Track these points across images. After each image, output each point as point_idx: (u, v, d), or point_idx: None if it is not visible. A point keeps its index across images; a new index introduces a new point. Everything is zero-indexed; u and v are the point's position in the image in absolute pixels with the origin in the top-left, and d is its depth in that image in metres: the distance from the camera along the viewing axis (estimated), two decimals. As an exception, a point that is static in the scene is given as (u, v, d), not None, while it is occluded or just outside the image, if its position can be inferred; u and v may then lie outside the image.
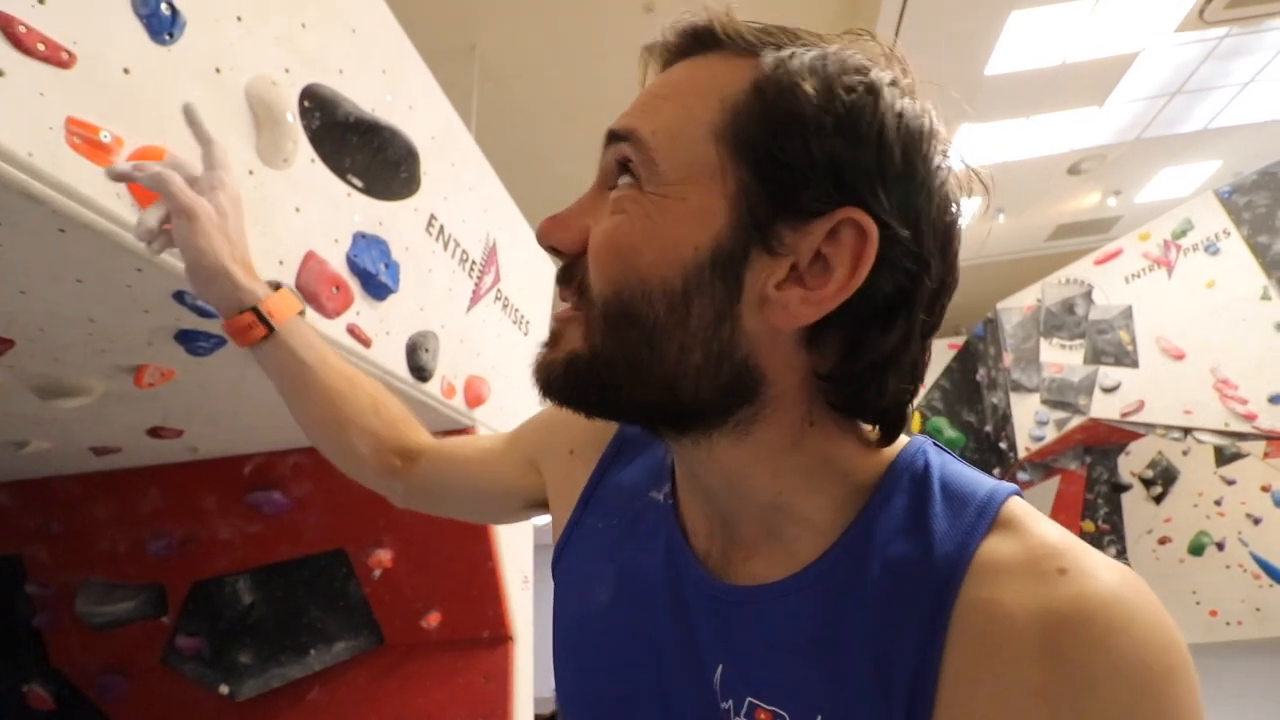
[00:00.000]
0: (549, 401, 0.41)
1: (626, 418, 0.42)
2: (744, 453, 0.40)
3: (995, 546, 0.36)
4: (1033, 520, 0.37)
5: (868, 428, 0.43)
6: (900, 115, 0.35)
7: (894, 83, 0.36)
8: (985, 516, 0.37)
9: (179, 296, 0.82)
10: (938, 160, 0.37)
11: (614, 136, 0.39)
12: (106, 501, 1.67)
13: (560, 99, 3.65)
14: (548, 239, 0.41)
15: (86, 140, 0.66)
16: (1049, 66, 3.60)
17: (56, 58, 0.63)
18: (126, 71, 0.70)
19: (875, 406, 0.40)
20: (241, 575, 1.70)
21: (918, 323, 0.37)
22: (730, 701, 0.39)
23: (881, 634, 0.36)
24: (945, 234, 0.37)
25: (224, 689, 1.60)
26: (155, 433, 1.36)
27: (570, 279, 0.40)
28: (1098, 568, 0.34)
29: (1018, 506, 0.38)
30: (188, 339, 0.93)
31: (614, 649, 0.47)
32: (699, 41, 0.39)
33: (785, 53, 0.36)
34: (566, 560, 0.54)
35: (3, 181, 0.60)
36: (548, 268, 2.10)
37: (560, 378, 0.39)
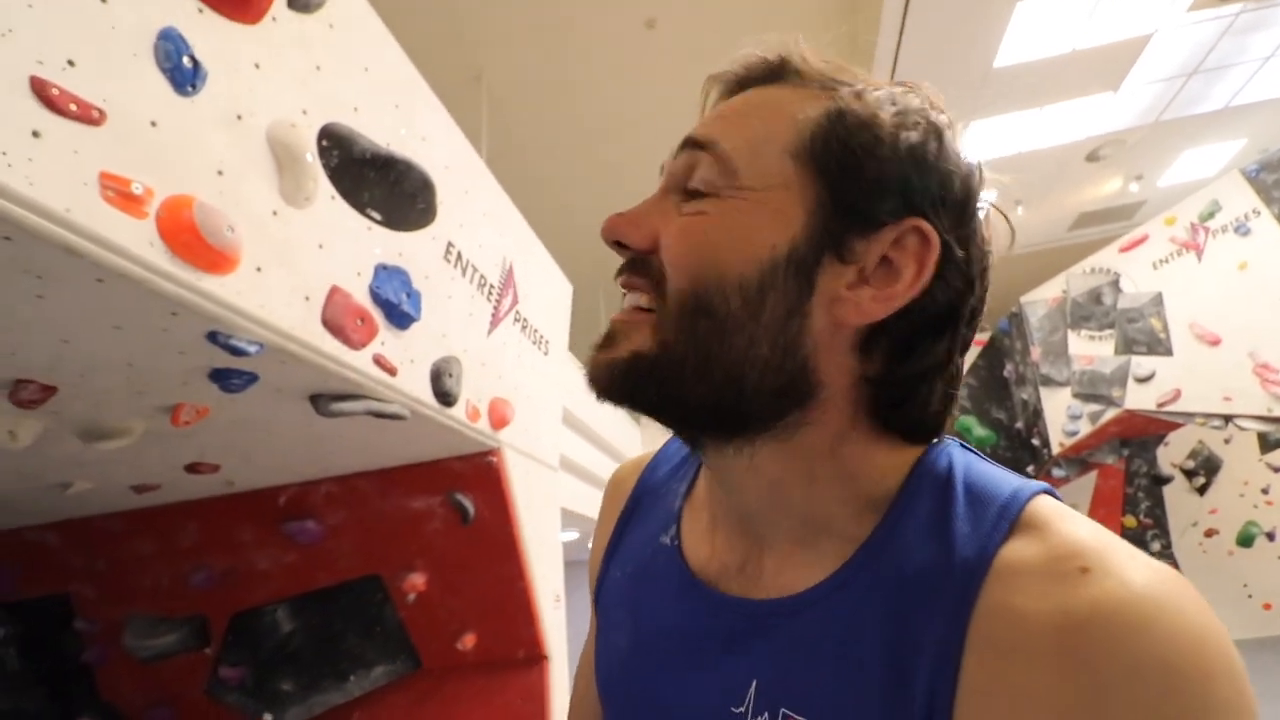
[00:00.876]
0: (606, 401, 0.41)
1: (681, 419, 0.43)
2: (785, 458, 0.41)
3: (1017, 549, 0.35)
4: (1059, 519, 0.36)
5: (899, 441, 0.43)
6: (959, 154, 0.41)
7: (950, 125, 0.41)
8: (1006, 517, 0.36)
9: (211, 337, 0.85)
10: (981, 196, 0.42)
11: (693, 144, 0.42)
12: (148, 537, 1.72)
13: (567, 120, 3.70)
14: (615, 234, 0.42)
15: (119, 193, 0.68)
16: (1060, 54, 3.56)
17: (88, 116, 0.66)
18: (153, 124, 0.73)
19: (916, 417, 0.41)
20: (280, 604, 1.73)
21: (961, 336, 0.41)
22: (765, 714, 0.39)
23: (903, 640, 0.36)
24: (984, 261, 0.42)
25: (268, 717, 1.62)
26: (193, 469, 1.40)
27: (643, 272, 0.42)
28: (1124, 566, 0.33)
29: (1044, 505, 0.37)
30: (221, 377, 0.96)
31: (637, 691, 0.48)
32: (771, 73, 0.44)
33: (858, 87, 0.41)
34: (600, 610, 0.56)
35: (44, 237, 0.63)
36: (565, 287, 2.12)
37: (621, 376, 0.40)
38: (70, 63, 0.65)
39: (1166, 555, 5.98)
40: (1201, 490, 5.84)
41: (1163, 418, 4.54)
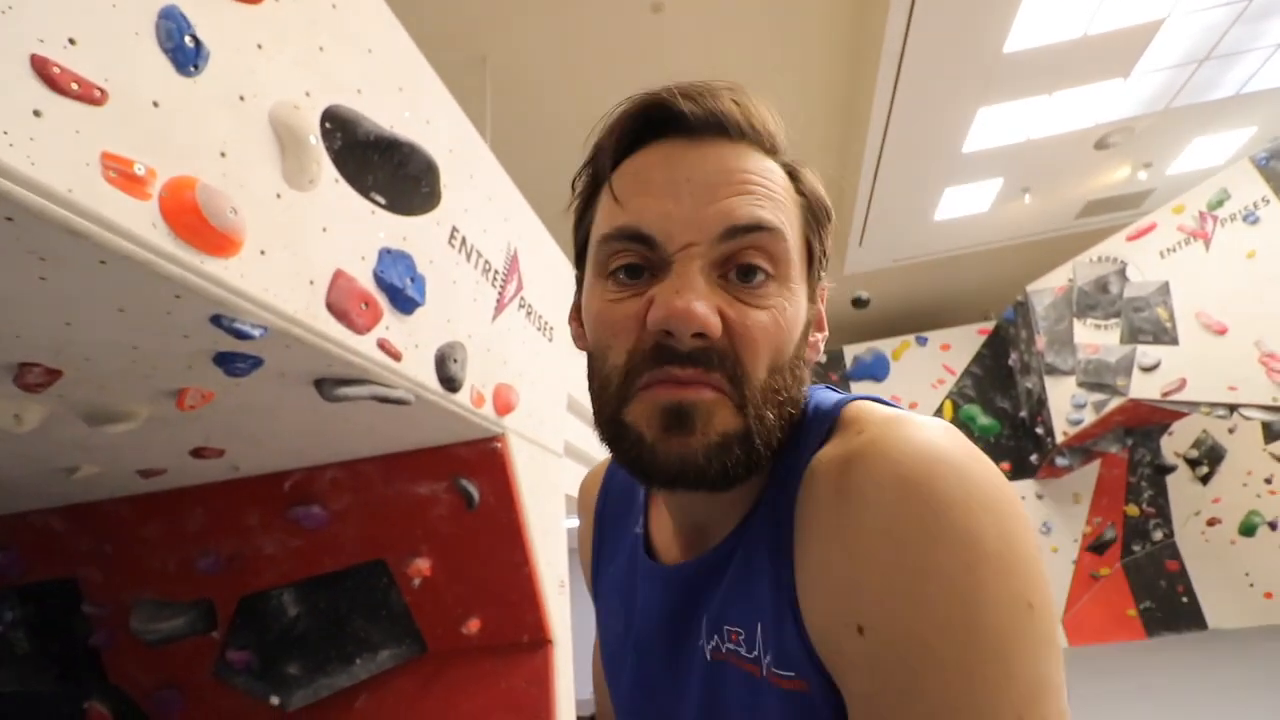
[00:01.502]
0: (698, 488, 0.42)
1: (738, 480, 0.44)
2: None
3: (834, 438, 0.44)
4: (868, 408, 0.44)
5: None
6: None
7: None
8: (829, 418, 0.45)
9: (216, 320, 0.84)
10: None
11: (757, 228, 0.43)
12: (155, 522, 1.72)
13: (572, 104, 3.67)
14: (704, 327, 0.40)
15: (122, 174, 0.68)
16: (1070, 40, 3.51)
17: (90, 96, 0.65)
18: (156, 105, 0.72)
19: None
20: (286, 589, 1.74)
21: None
22: (715, 638, 0.47)
23: (776, 536, 0.44)
24: None
25: (274, 700, 1.64)
26: (198, 453, 1.40)
27: (714, 362, 0.41)
28: (889, 421, 0.40)
29: (859, 404, 0.45)
30: (226, 361, 0.96)
31: (628, 668, 0.56)
32: (736, 130, 0.45)
33: (792, 160, 0.48)
34: (598, 600, 0.64)
35: (46, 218, 0.63)
36: (568, 272, 2.11)
37: (718, 458, 0.41)
38: (71, 41, 0.64)
39: (1169, 544, 5.99)
40: (1205, 480, 5.83)
41: (1167, 407, 4.52)
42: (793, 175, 0.47)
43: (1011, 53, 3.55)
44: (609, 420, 0.44)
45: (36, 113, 0.61)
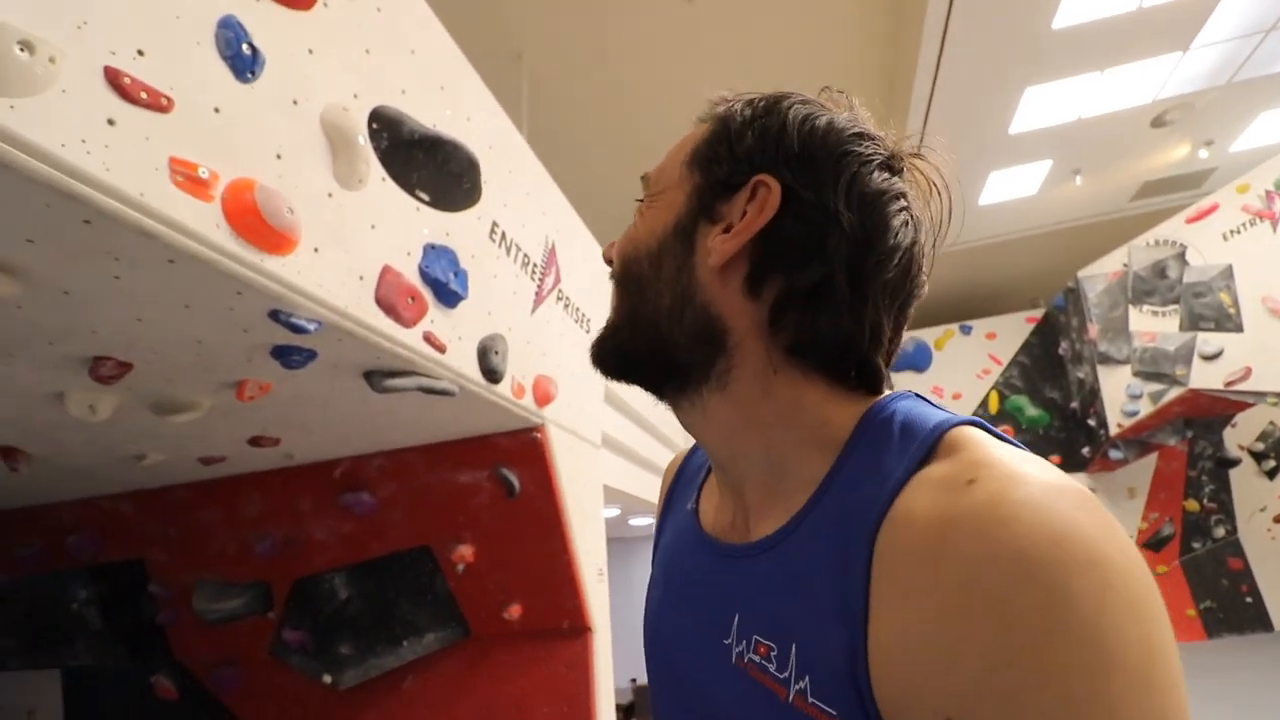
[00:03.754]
0: (600, 370, 0.53)
1: (638, 376, 0.53)
2: (729, 405, 0.48)
3: (929, 470, 0.39)
4: (974, 443, 0.39)
5: (841, 384, 0.48)
6: (802, 120, 0.47)
7: (804, 102, 0.49)
8: (925, 444, 0.40)
9: (274, 315, 0.88)
10: (846, 148, 0.47)
11: (644, 177, 0.56)
12: (215, 507, 1.81)
13: (607, 98, 3.67)
14: (606, 254, 0.56)
15: (188, 177, 0.72)
16: (1124, 12, 3.35)
17: (157, 104, 0.69)
18: (217, 111, 0.76)
19: (818, 345, 0.46)
20: (337, 572, 1.81)
21: (839, 267, 0.45)
22: (743, 643, 0.44)
23: (841, 566, 0.39)
24: (861, 200, 0.45)
25: (327, 678, 1.71)
26: (255, 442, 1.47)
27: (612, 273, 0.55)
28: (1008, 475, 0.35)
29: (962, 432, 0.40)
30: (283, 354, 1.00)
31: (664, 636, 0.56)
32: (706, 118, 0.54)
33: (719, 113, 0.52)
34: (653, 572, 0.64)
35: (120, 220, 0.67)
36: (604, 267, 2.13)
37: (598, 350, 0.53)
38: (140, 52, 0.68)
39: (1231, 541, 5.72)
40: (1271, 474, 5.54)
41: (1230, 397, 4.32)
42: (716, 123, 0.52)
43: (1061, 29, 3.40)
44: None
45: (110, 121, 0.65)
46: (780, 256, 0.46)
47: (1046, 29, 3.40)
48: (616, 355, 0.52)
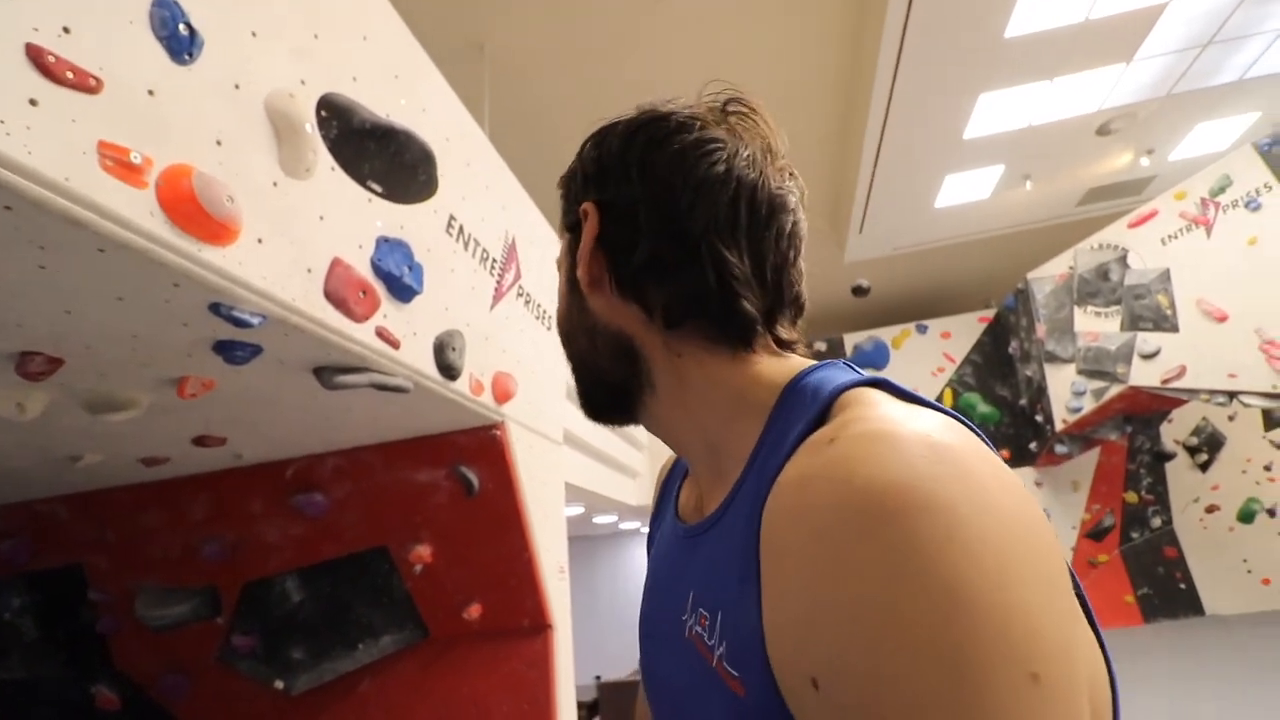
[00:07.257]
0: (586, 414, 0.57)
1: (611, 415, 0.56)
2: (664, 404, 0.51)
3: (816, 434, 0.38)
4: (859, 402, 0.38)
5: (755, 354, 0.49)
6: (604, 140, 0.52)
7: (631, 120, 0.51)
8: (820, 407, 0.40)
9: (214, 308, 0.85)
10: (633, 139, 0.50)
11: None
12: (159, 510, 1.74)
13: (571, 92, 3.65)
14: None
15: (118, 162, 0.68)
16: (1072, 24, 3.48)
17: (85, 84, 0.66)
18: (151, 93, 0.72)
19: (686, 311, 0.48)
20: (289, 575, 1.76)
21: (662, 233, 0.48)
22: (692, 616, 0.46)
23: (747, 535, 0.40)
24: (653, 168, 0.48)
25: (279, 684, 1.66)
26: (200, 441, 1.41)
27: None
28: (868, 434, 0.34)
29: (856, 393, 0.40)
30: (225, 349, 0.97)
31: (646, 627, 0.58)
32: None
33: (574, 167, 0.55)
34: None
35: (44, 207, 0.63)
36: (568, 261, 2.11)
37: (585, 412, 0.57)
38: (66, 29, 0.64)
39: (1167, 530, 6.01)
40: (1204, 467, 5.84)
41: (1167, 394, 4.53)
42: (575, 180, 0.55)
43: (1013, 38, 3.52)
44: None
45: (33, 102, 0.61)
46: (620, 253, 0.49)
47: (999, 38, 3.50)
48: (590, 407, 0.56)
